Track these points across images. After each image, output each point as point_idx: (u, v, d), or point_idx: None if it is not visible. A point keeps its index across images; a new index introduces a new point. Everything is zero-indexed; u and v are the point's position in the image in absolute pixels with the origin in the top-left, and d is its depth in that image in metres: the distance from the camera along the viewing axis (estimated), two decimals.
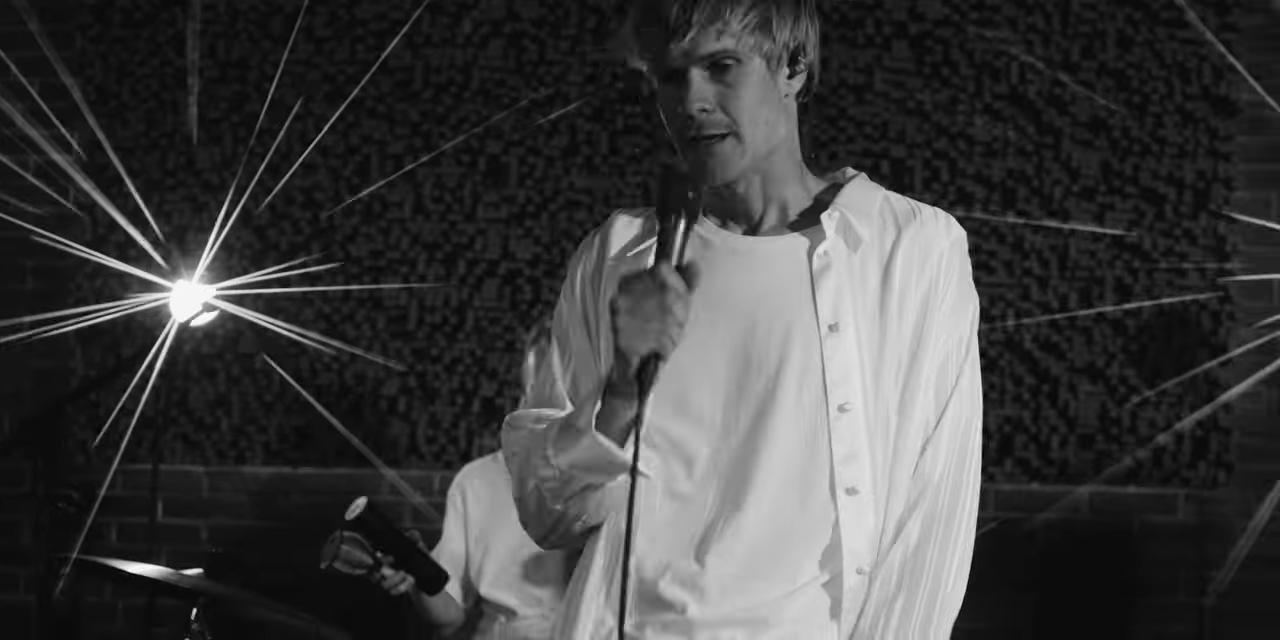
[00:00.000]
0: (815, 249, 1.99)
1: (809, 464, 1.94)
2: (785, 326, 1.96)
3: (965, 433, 2.00)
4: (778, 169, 2.03)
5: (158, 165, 4.79)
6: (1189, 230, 4.49)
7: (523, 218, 4.68)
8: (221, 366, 4.74)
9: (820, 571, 1.95)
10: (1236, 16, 4.51)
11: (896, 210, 2.04)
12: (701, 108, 1.95)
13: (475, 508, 3.76)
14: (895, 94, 4.58)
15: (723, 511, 1.95)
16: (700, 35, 1.93)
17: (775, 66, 1.99)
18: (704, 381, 1.97)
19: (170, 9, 4.82)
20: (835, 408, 1.94)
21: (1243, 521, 4.42)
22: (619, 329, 1.82)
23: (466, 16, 4.73)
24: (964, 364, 2.01)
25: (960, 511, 1.98)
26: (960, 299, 2.02)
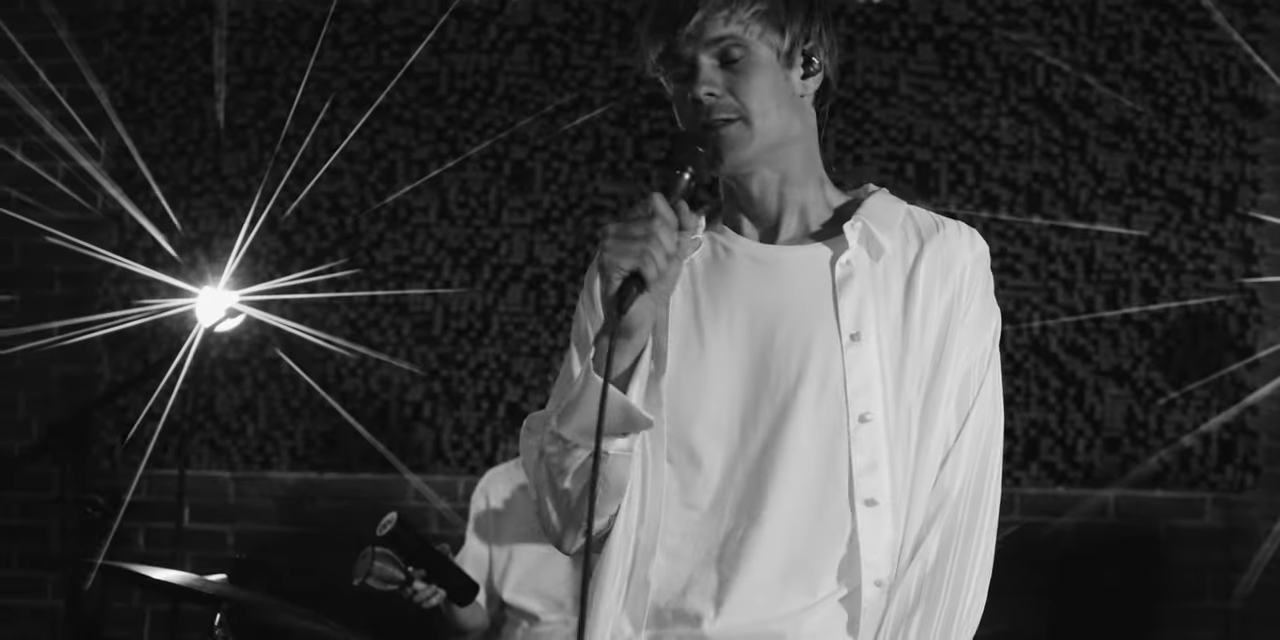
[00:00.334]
0: (838, 258, 2.00)
1: (828, 474, 1.95)
2: (806, 336, 1.97)
3: (986, 447, 2.00)
4: (796, 170, 2.04)
5: (184, 171, 4.84)
6: (1215, 232, 4.50)
7: (547, 223, 4.71)
8: (248, 372, 4.78)
9: (838, 584, 1.96)
10: (1264, 17, 4.53)
11: (920, 223, 2.05)
12: (709, 92, 1.97)
13: (499, 511, 3.79)
14: (920, 97, 4.61)
15: (740, 523, 1.96)
16: (707, 21, 1.96)
17: (785, 62, 2.01)
18: (722, 390, 1.98)
19: (197, 16, 4.87)
20: (856, 417, 1.95)
21: (1269, 525, 4.42)
22: (604, 248, 1.85)
23: (492, 22, 4.77)
24: (985, 378, 2.01)
25: (979, 526, 1.98)
26: (983, 313, 2.02)
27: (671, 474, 1.99)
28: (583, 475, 1.95)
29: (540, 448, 1.99)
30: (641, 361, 1.94)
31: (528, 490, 3.76)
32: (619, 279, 1.83)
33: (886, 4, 4.64)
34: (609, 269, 1.84)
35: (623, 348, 1.90)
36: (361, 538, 4.62)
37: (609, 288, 1.84)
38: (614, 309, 1.84)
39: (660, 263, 1.84)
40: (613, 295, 1.84)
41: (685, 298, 2.03)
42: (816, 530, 1.95)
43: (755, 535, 1.94)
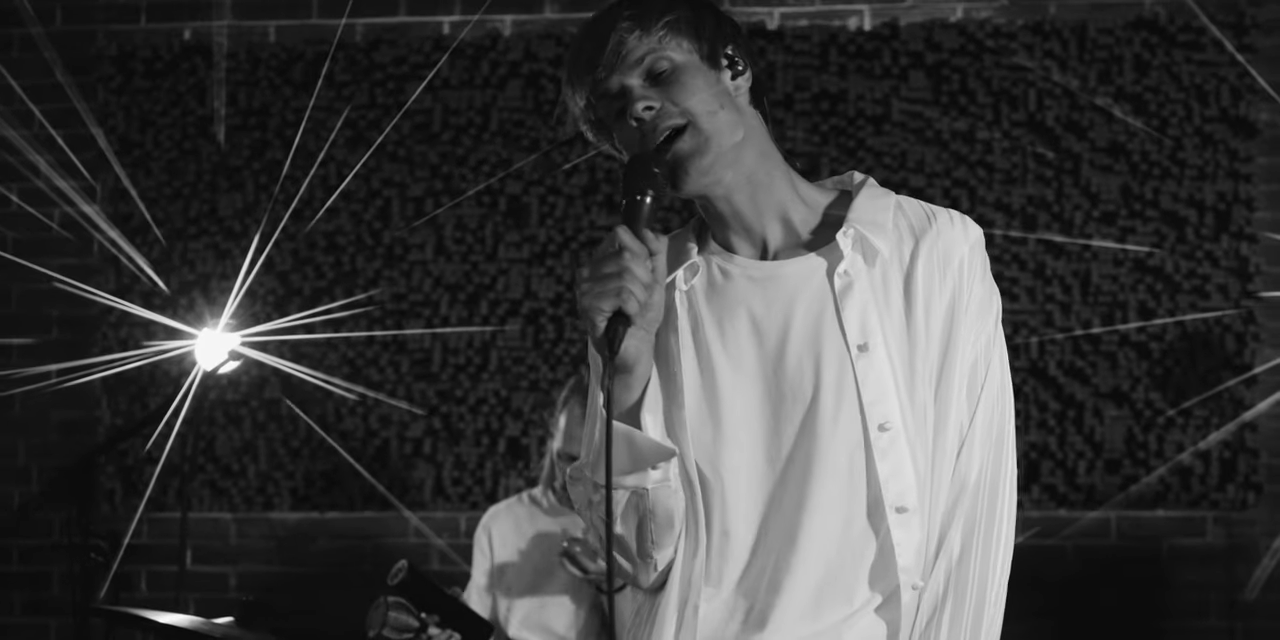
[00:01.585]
0: (835, 269, 2.01)
1: (856, 486, 1.98)
2: (815, 351, 1.99)
3: (1000, 432, 2.04)
4: (758, 172, 2.05)
5: (181, 213, 4.96)
6: (1210, 252, 4.62)
7: (544, 257, 4.85)
8: (247, 413, 4.91)
9: (872, 591, 2.00)
10: (1253, 37, 4.67)
11: (911, 218, 2.06)
12: (647, 106, 1.98)
13: (502, 549, 3.90)
14: (914, 124, 4.74)
15: (775, 544, 1.99)
16: (623, 48, 1.99)
17: (711, 63, 2.03)
18: (741, 414, 2.01)
19: (191, 58, 5.01)
20: (875, 427, 1.97)
21: (1270, 542, 4.53)
22: (581, 293, 1.87)
23: (484, 58, 4.91)
24: (992, 363, 2.03)
25: (999, 513, 2.01)
26: (984, 298, 2.04)
27: (709, 504, 2.02)
28: (630, 516, 2.00)
29: (587, 497, 2.04)
30: (649, 392, 1.98)
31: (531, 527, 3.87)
32: (603, 321, 1.86)
33: (878, 32, 4.78)
34: (591, 313, 1.86)
35: (626, 383, 1.95)
36: (364, 577, 4.75)
37: (595, 331, 1.86)
38: (605, 350, 1.86)
39: (640, 295, 1.86)
40: (601, 337, 1.86)
41: (691, 325, 2.06)
42: (849, 542, 1.98)
43: (793, 556, 1.98)
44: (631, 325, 1.87)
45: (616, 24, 2.00)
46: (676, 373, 2.04)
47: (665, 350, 2.06)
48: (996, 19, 4.76)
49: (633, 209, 1.91)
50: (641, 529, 2.01)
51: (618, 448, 1.92)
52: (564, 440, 3.82)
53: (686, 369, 2.04)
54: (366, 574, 4.84)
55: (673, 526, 2.02)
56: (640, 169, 1.93)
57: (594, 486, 2.01)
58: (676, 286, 2.08)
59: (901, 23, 4.79)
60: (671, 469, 1.99)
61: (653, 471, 1.98)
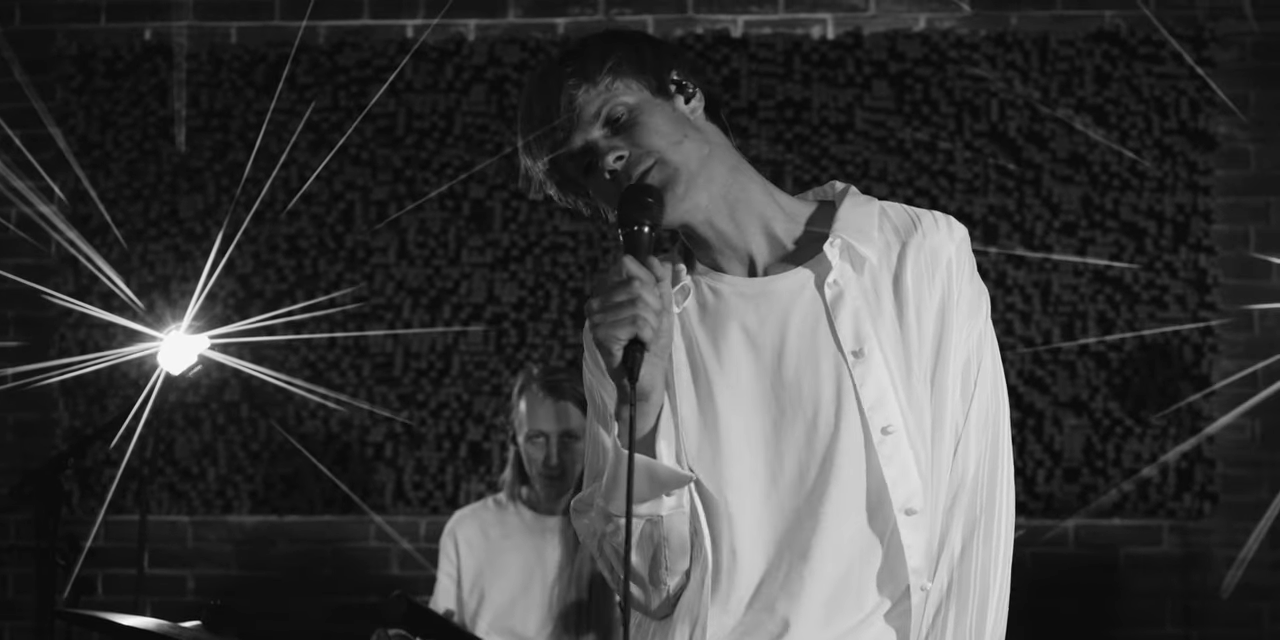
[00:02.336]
0: (824, 280, 2.05)
1: (863, 492, 2.01)
2: (812, 363, 2.03)
3: (996, 427, 2.07)
4: (737, 192, 2.09)
5: (141, 215, 4.98)
6: (1170, 263, 4.71)
7: (507, 262, 4.89)
8: (207, 415, 4.93)
9: (886, 596, 2.03)
10: (1213, 51, 4.76)
11: (896, 223, 2.09)
12: (618, 156, 2.02)
13: (468, 554, 3.93)
14: (876, 133, 4.82)
15: (787, 558, 2.03)
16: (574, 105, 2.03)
17: (663, 96, 2.07)
18: (741, 432, 2.04)
19: (152, 59, 5.03)
20: (878, 430, 2.00)
21: (1226, 551, 4.63)
22: (594, 324, 1.91)
23: (449, 63, 4.95)
24: (984, 359, 2.07)
25: (998, 508, 2.05)
26: (973, 296, 2.07)
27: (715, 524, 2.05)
28: (646, 545, 2.03)
29: (595, 529, 2.07)
30: (663, 419, 2.00)
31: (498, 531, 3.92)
32: (620, 349, 1.89)
33: (841, 41, 4.85)
34: (607, 342, 1.90)
35: (642, 411, 1.97)
36: (324, 580, 4.78)
37: (612, 360, 1.90)
38: (624, 379, 1.90)
39: (653, 322, 1.89)
40: (619, 366, 1.90)
41: (685, 346, 2.09)
42: (863, 548, 2.02)
43: (805, 567, 2.02)
44: (648, 351, 1.91)
45: (563, 83, 2.04)
46: (674, 396, 2.07)
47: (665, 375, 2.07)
48: (959, 30, 4.84)
49: (633, 239, 1.95)
50: (656, 557, 2.05)
51: (637, 477, 1.94)
52: (529, 421, 3.86)
53: (683, 391, 2.07)
54: (326, 578, 4.88)
55: (686, 552, 2.05)
56: (634, 201, 1.98)
57: (606, 517, 2.05)
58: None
59: (865, 32, 4.87)
60: (685, 494, 2.02)
61: (667, 498, 2.01)
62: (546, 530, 3.88)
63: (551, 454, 3.84)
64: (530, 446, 3.88)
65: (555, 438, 3.84)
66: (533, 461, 3.88)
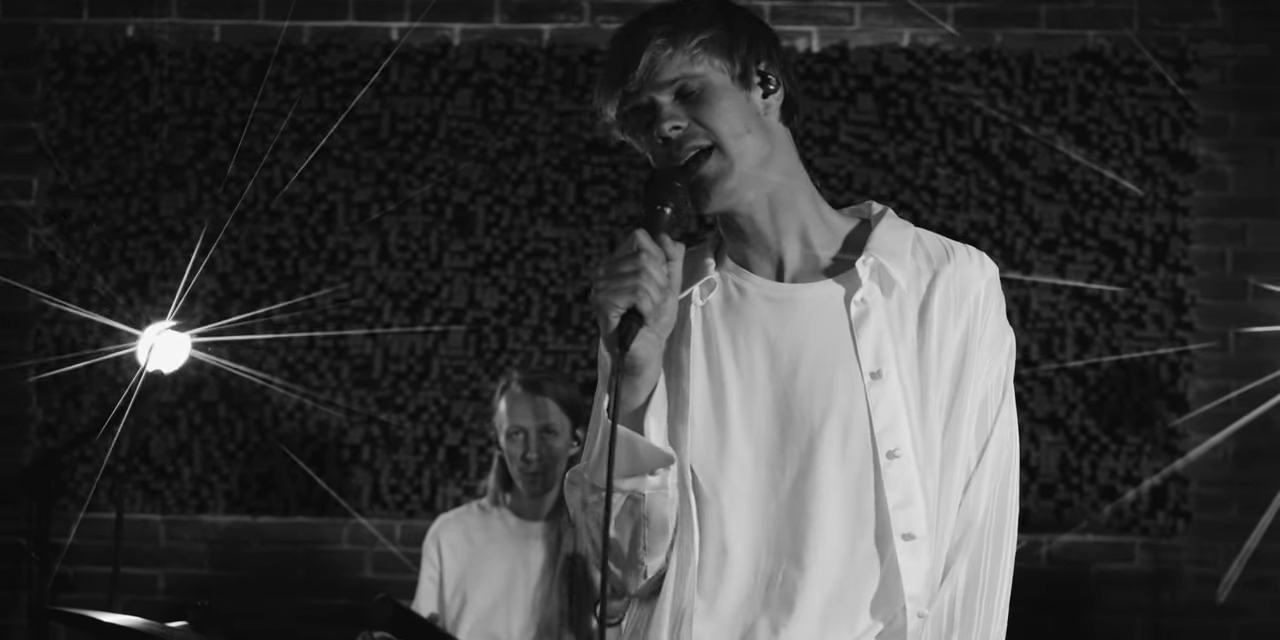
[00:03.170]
0: (852, 296, 2.06)
1: (863, 512, 2.02)
2: (828, 377, 2.04)
3: (1006, 471, 2.08)
4: (781, 192, 2.10)
5: (121, 211, 4.99)
6: (1148, 283, 4.80)
7: (489, 267, 4.93)
8: (183, 415, 4.94)
9: (879, 619, 2.04)
10: (1195, 73, 4.85)
11: (930, 251, 2.11)
12: (674, 126, 2.04)
13: (452, 559, 3.97)
14: (860, 146, 4.88)
15: (781, 565, 2.04)
16: (655, 64, 2.04)
17: (742, 84, 2.07)
18: (747, 433, 2.06)
19: (135, 55, 5.03)
20: (885, 454, 2.01)
21: (1196, 569, 4.72)
22: (597, 290, 1.93)
23: (434, 66, 4.99)
24: (1003, 401, 2.08)
25: (1004, 548, 2.06)
26: (997, 336, 2.09)
27: (705, 518, 2.06)
28: (626, 522, 2.04)
29: (583, 500, 2.08)
30: (655, 398, 2.02)
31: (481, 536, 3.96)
32: (617, 317, 1.92)
33: (827, 54, 4.92)
34: (605, 308, 1.92)
35: (633, 386, 1.98)
36: (298, 582, 4.81)
37: (608, 327, 1.92)
38: (616, 347, 1.92)
39: (655, 296, 1.91)
40: (613, 333, 1.92)
41: (704, 341, 2.10)
42: (853, 568, 2.03)
43: (799, 578, 2.03)
44: (644, 326, 1.93)
45: (650, 40, 2.05)
46: (685, 387, 2.08)
47: (677, 363, 2.10)
48: (944, 46, 4.91)
49: (653, 217, 1.98)
50: (635, 535, 2.05)
51: (619, 450, 1.95)
52: (509, 417, 3.91)
53: (696, 384, 2.08)
54: (299, 579, 4.91)
55: (666, 534, 2.05)
56: (664, 182, 2.00)
57: (591, 488, 2.06)
58: (692, 302, 2.12)
59: (850, 46, 4.93)
60: (670, 476, 2.03)
61: (651, 477, 2.02)
62: (530, 536, 3.93)
63: (530, 449, 3.88)
64: (510, 444, 3.92)
65: (534, 433, 3.89)
66: (513, 459, 3.92)
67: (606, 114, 2.12)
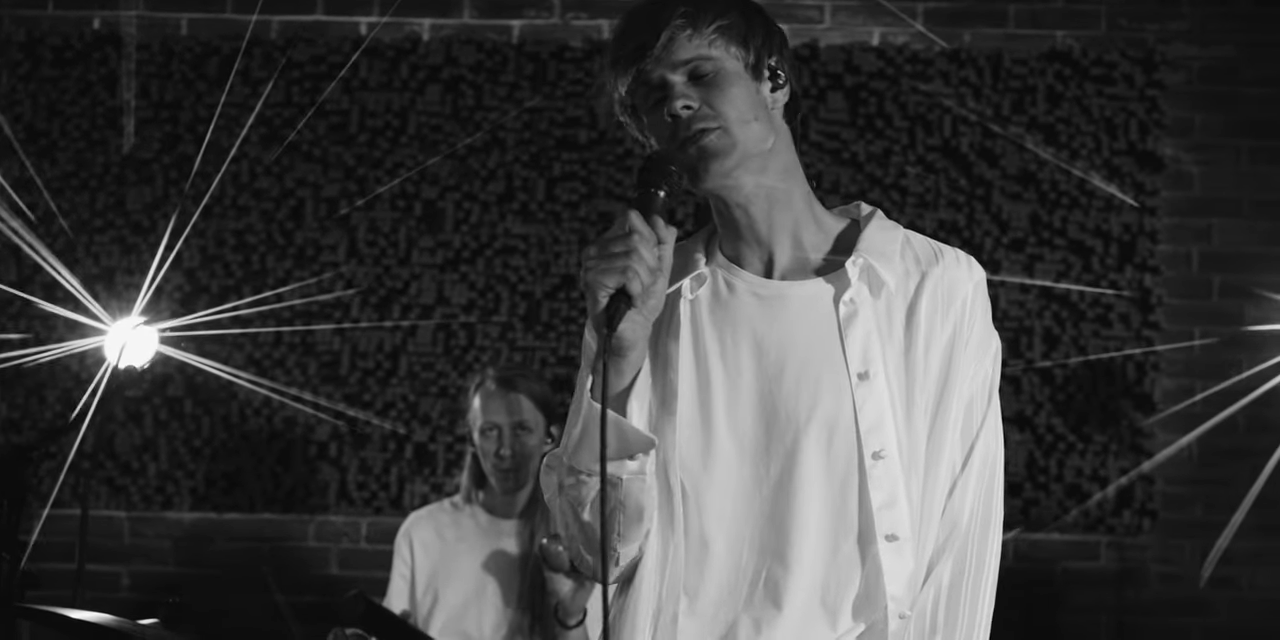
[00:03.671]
0: (841, 296, 2.09)
1: (846, 511, 2.04)
2: (815, 376, 2.06)
3: (991, 474, 2.10)
4: (778, 186, 2.11)
5: (87, 205, 4.98)
6: (1115, 282, 4.84)
7: (458, 263, 4.94)
8: (149, 411, 4.94)
9: (860, 620, 2.06)
10: (1163, 74, 4.90)
11: (919, 253, 2.13)
12: (685, 105, 2.06)
13: (423, 556, 3.98)
14: (830, 145, 4.92)
15: (764, 563, 2.06)
16: (673, 42, 2.06)
17: (753, 74, 2.10)
18: (732, 428, 2.07)
19: (102, 48, 5.03)
20: (870, 455, 2.03)
21: (1160, 567, 4.78)
22: (587, 269, 1.94)
23: (404, 61, 5.00)
24: (988, 405, 2.11)
25: (988, 551, 2.09)
26: (983, 340, 2.11)
27: (687, 512, 2.08)
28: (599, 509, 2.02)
29: (559, 482, 2.09)
30: (639, 381, 2.05)
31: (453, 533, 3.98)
32: (605, 296, 1.93)
33: (797, 52, 4.95)
34: (594, 287, 1.93)
35: (619, 368, 2.01)
36: (262, 579, 4.82)
37: (596, 307, 1.93)
38: (603, 327, 1.93)
39: (644, 277, 1.93)
40: (600, 313, 1.93)
41: (692, 334, 2.12)
42: (836, 567, 2.05)
43: (783, 576, 2.04)
44: (632, 307, 1.94)
45: (671, 19, 2.08)
46: (673, 379, 2.10)
47: (665, 356, 2.12)
48: (914, 45, 4.95)
49: (646, 199, 2.00)
50: (610, 520, 2.05)
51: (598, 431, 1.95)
52: (482, 413, 3.92)
53: (683, 377, 2.10)
54: (264, 577, 4.91)
55: (641, 521, 2.07)
56: (659, 165, 2.02)
57: (568, 470, 2.06)
58: (682, 295, 2.14)
59: (821, 44, 4.97)
60: (649, 463, 2.05)
61: (630, 462, 2.03)
62: (502, 533, 3.94)
63: (504, 445, 3.90)
64: (484, 440, 3.93)
65: (508, 429, 3.90)
66: (486, 455, 3.93)
67: (617, 89, 2.13)
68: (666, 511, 2.09)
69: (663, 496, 2.09)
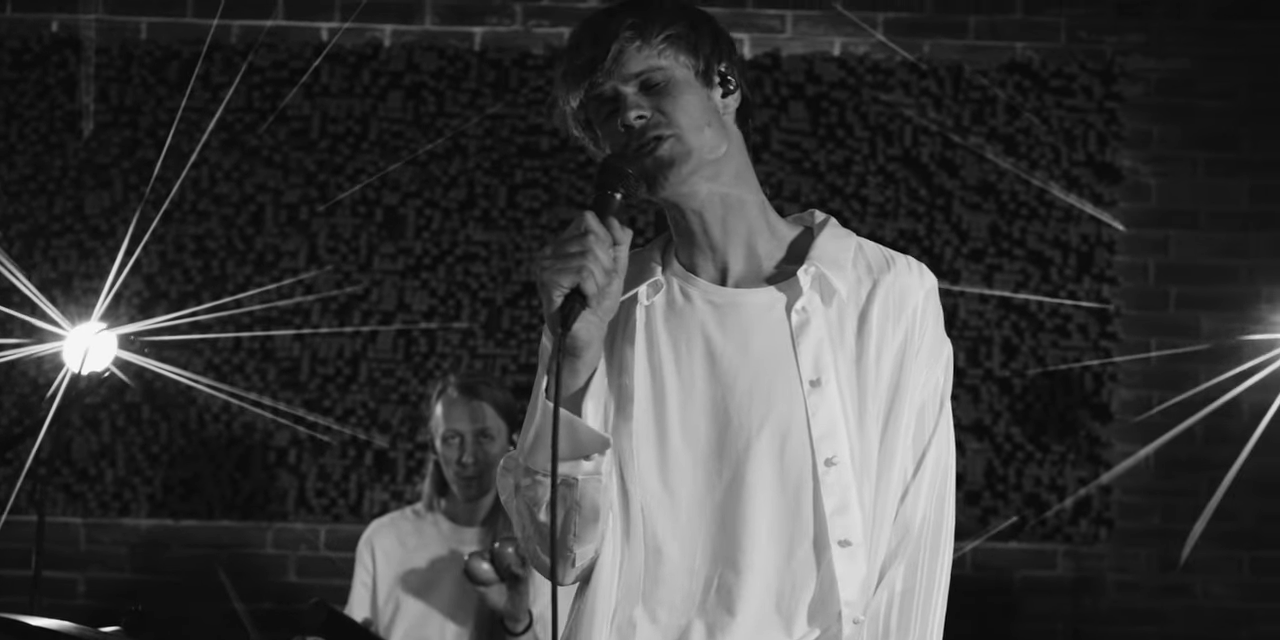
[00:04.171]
0: (793, 304, 2.11)
1: (800, 517, 2.06)
2: (767, 383, 2.08)
3: (943, 479, 2.13)
4: (732, 193, 2.14)
5: (45, 209, 4.97)
6: (1074, 292, 4.89)
7: (419, 270, 4.95)
8: (106, 417, 4.93)
9: (818, 625, 2.07)
10: (1121, 86, 4.95)
11: (871, 261, 2.15)
12: (638, 115, 2.09)
13: (385, 564, 3.98)
14: (791, 154, 4.95)
15: (717, 569, 2.08)
16: (623, 54, 2.09)
17: (704, 81, 2.13)
18: (686, 435, 2.10)
19: (61, 51, 5.01)
20: (823, 461, 2.05)
21: (1117, 576, 4.83)
22: (542, 268, 1.97)
23: (365, 67, 5.00)
24: (940, 411, 2.13)
25: (940, 556, 2.11)
26: (935, 347, 2.14)
27: (642, 518, 2.11)
28: (558, 506, 2.05)
29: (516, 483, 2.11)
30: (595, 383, 2.07)
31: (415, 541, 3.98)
32: (560, 296, 1.96)
33: (759, 61, 4.98)
34: (550, 287, 1.96)
35: (573, 368, 2.04)
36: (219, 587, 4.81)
37: (550, 306, 1.96)
38: (558, 326, 1.96)
39: (599, 277, 1.96)
40: (555, 312, 1.96)
41: (647, 341, 2.15)
42: (790, 573, 2.07)
43: (736, 582, 2.07)
44: (587, 308, 1.97)
45: (619, 32, 2.11)
46: (629, 385, 2.13)
47: (621, 361, 2.15)
48: (875, 55, 4.99)
49: (602, 201, 2.03)
50: (566, 521, 2.08)
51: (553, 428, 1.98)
52: (445, 421, 3.93)
53: (638, 382, 2.13)
54: (221, 583, 4.90)
55: (597, 522, 2.09)
56: (615, 168, 2.06)
57: (524, 471, 2.09)
58: (638, 301, 2.17)
59: (783, 54, 5.00)
60: (604, 463, 2.07)
61: (585, 462, 2.05)
62: (464, 541, 3.95)
63: (466, 453, 3.91)
64: (445, 448, 3.94)
65: (470, 436, 3.91)
66: (448, 463, 3.94)
67: (569, 103, 2.16)
68: (622, 516, 2.12)
69: (619, 501, 2.12)
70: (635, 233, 2.06)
